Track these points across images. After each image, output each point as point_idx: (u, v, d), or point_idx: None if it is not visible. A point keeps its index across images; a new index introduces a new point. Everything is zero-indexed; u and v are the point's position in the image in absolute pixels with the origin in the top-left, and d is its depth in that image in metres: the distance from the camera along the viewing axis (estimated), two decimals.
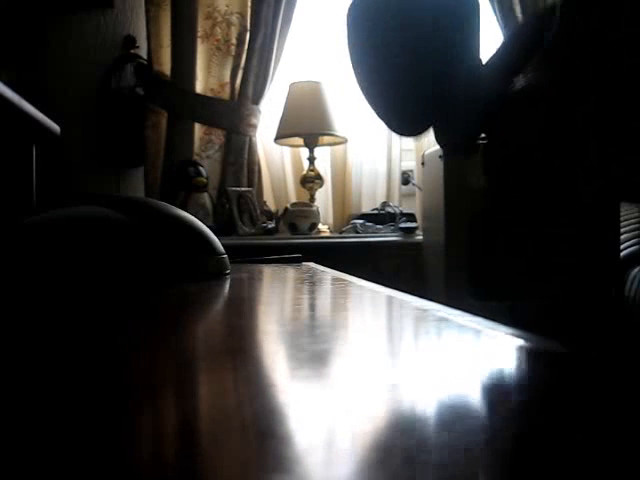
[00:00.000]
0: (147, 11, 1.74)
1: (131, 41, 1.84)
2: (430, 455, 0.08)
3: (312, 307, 0.26)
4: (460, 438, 0.09)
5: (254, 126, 1.78)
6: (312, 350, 0.15)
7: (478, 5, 0.81)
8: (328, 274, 0.42)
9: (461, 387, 0.12)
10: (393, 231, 1.67)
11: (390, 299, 0.26)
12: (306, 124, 1.70)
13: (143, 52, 1.81)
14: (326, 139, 1.82)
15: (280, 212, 1.63)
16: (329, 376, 0.13)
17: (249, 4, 1.77)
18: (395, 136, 1.93)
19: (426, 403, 0.11)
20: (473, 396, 0.11)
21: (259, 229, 1.60)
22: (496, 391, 0.12)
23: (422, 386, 0.12)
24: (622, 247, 1.52)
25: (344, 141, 1.84)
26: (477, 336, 0.17)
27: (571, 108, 0.72)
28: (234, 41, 1.76)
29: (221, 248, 0.41)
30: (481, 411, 0.10)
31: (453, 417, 0.10)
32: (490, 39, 1.99)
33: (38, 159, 1.02)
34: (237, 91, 1.76)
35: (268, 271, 0.46)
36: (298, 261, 0.58)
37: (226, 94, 1.76)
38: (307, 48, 1.95)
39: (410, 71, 0.81)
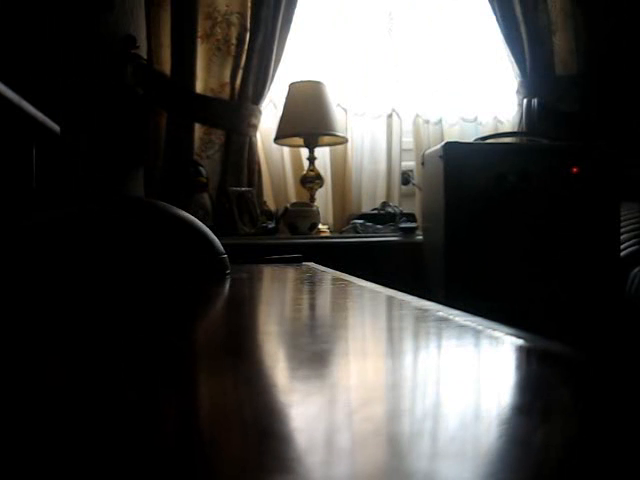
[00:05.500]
0: (147, 11, 1.74)
1: (131, 41, 1.84)
2: (431, 455, 0.08)
3: (312, 307, 0.26)
4: (461, 439, 0.09)
5: (254, 126, 1.78)
6: (312, 350, 0.15)
7: None
8: (328, 274, 0.42)
9: (461, 387, 0.12)
10: (393, 231, 1.67)
11: (390, 299, 0.26)
12: (306, 124, 1.70)
13: (143, 52, 1.81)
14: (326, 139, 1.82)
15: (280, 212, 1.63)
16: (329, 376, 0.13)
17: (249, 4, 1.76)
18: (395, 136, 1.93)
19: (426, 403, 0.11)
20: (473, 396, 0.11)
21: (259, 229, 1.60)
22: (497, 391, 0.12)
23: (422, 386, 0.12)
24: (622, 247, 1.52)
25: (344, 141, 1.84)
26: (477, 336, 0.17)
27: None
28: (234, 41, 1.76)
29: (221, 248, 0.41)
30: (481, 411, 0.10)
31: (453, 417, 0.10)
32: (490, 39, 1.99)
33: (38, 159, 1.02)
34: (237, 91, 1.76)
35: (268, 271, 0.46)
36: (298, 261, 0.58)
37: (226, 94, 1.76)
38: (307, 48, 1.94)
39: None
